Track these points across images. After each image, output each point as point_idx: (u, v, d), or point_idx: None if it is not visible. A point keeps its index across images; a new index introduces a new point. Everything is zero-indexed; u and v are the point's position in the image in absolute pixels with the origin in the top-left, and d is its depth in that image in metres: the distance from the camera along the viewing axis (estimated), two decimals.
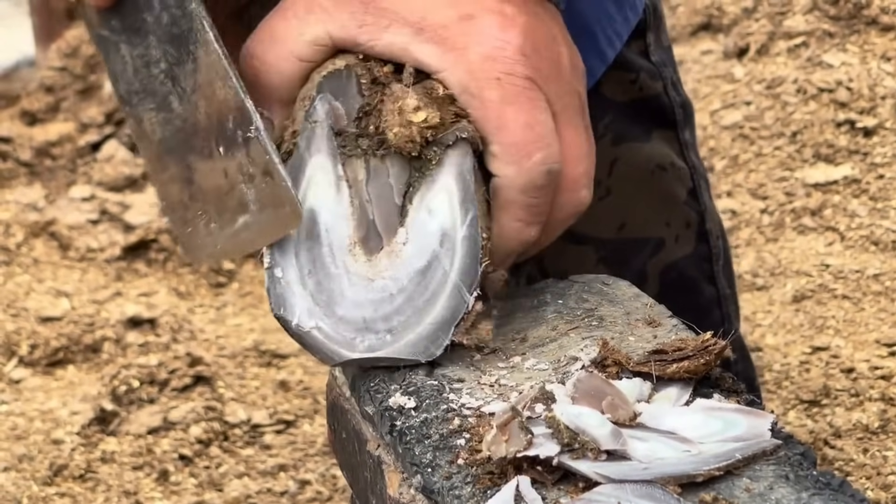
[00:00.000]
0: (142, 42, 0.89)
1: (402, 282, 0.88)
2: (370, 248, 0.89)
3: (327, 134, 0.90)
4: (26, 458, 2.14)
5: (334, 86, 0.90)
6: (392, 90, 0.88)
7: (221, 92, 0.87)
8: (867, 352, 2.22)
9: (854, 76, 2.88)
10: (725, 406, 0.76)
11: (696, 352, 0.80)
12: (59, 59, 3.37)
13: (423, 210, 0.88)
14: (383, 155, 0.89)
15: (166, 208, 0.95)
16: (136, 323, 2.51)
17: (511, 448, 0.71)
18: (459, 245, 0.87)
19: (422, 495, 0.75)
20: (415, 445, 0.76)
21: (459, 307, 0.86)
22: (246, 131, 0.86)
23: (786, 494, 0.69)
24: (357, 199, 0.90)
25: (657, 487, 0.69)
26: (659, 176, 1.29)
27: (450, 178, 0.88)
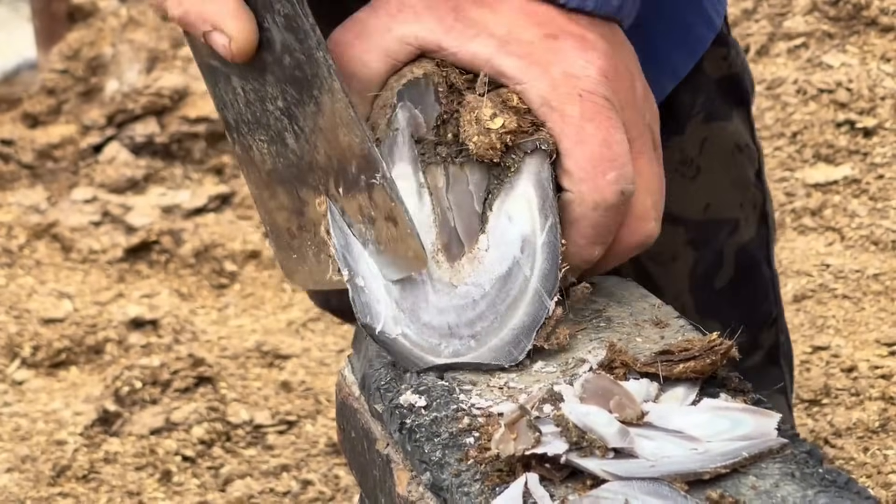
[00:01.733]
0: (258, 78, 0.89)
1: (485, 287, 0.88)
2: (452, 254, 0.89)
3: (409, 142, 0.90)
4: (29, 458, 2.14)
5: (413, 94, 0.90)
6: (467, 100, 0.89)
7: (346, 138, 0.86)
8: (867, 351, 2.23)
9: (854, 77, 2.89)
10: (732, 405, 0.77)
11: (702, 352, 0.80)
12: (61, 61, 3.37)
13: (504, 217, 0.89)
14: (462, 162, 0.90)
15: (271, 233, 0.96)
16: (139, 324, 2.52)
17: (519, 446, 0.72)
18: (540, 251, 0.87)
19: (430, 493, 0.76)
20: (424, 443, 0.77)
21: (540, 312, 0.86)
22: (370, 177, 0.86)
23: (791, 492, 0.69)
24: (438, 207, 0.90)
25: (664, 485, 0.69)
26: (737, 156, 1.29)
27: (529, 186, 0.88)
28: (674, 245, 1.26)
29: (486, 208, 0.90)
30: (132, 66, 3.27)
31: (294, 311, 2.60)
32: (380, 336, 0.89)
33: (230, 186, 3.03)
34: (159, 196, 3.00)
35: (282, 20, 0.86)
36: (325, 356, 2.42)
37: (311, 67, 0.86)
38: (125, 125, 3.15)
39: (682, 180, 1.25)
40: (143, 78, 3.24)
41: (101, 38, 3.39)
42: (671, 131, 1.23)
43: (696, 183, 1.26)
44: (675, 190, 1.23)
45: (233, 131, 0.94)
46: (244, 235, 2.81)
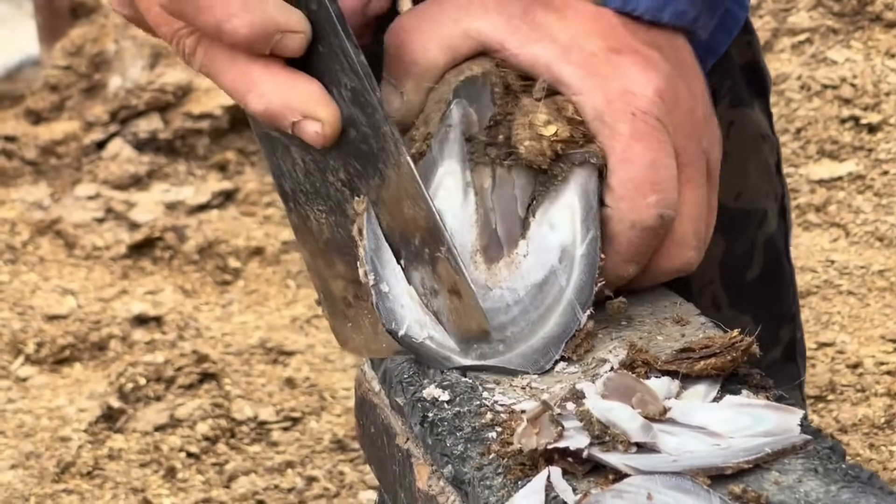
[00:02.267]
0: (320, 151, 0.88)
1: (519, 293, 0.88)
2: (490, 256, 0.89)
3: (460, 139, 0.90)
4: (33, 455, 2.14)
5: (470, 91, 0.90)
6: (523, 103, 0.89)
7: (410, 211, 0.86)
8: (873, 347, 2.23)
9: (858, 73, 2.88)
10: (755, 402, 0.77)
11: (723, 349, 0.80)
12: (64, 57, 3.37)
13: (546, 224, 0.88)
14: (510, 165, 0.89)
15: (325, 301, 0.95)
16: (143, 321, 2.52)
17: (542, 440, 0.72)
18: (577, 262, 0.87)
19: (451, 487, 0.76)
20: (446, 437, 0.77)
21: (571, 324, 0.86)
22: (435, 251, 0.86)
23: (814, 487, 0.69)
24: (482, 208, 0.90)
25: (687, 479, 0.69)
26: (761, 145, 1.28)
27: (574, 196, 0.88)
28: None
29: (528, 214, 0.89)
30: (135, 62, 3.26)
31: (298, 307, 2.60)
32: (404, 340, 0.89)
33: (234, 183, 3.03)
34: (163, 192, 2.99)
35: (349, 94, 0.85)
36: (330, 352, 2.42)
37: (377, 141, 0.86)
38: (128, 121, 3.15)
39: None
40: (146, 74, 3.24)
41: (104, 35, 3.39)
42: None
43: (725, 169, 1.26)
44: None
45: (289, 200, 0.93)
46: (248, 232, 2.81)
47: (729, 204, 1.25)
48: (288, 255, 2.73)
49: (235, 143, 3.10)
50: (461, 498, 0.75)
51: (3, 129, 3.22)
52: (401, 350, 0.89)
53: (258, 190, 2.95)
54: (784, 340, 1.32)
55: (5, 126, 3.25)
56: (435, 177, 0.91)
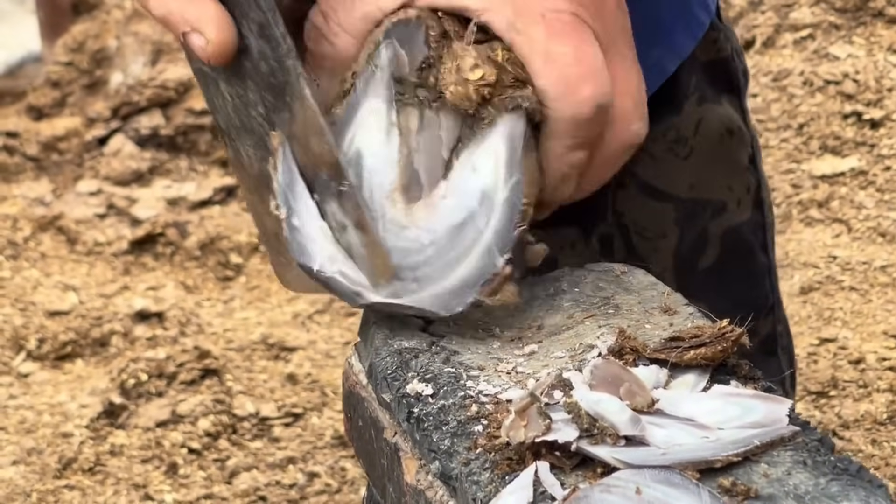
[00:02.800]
0: (241, 84, 0.91)
1: (436, 234, 0.88)
2: (410, 196, 0.90)
3: (387, 80, 0.90)
4: (35, 451, 2.15)
5: (402, 33, 0.90)
6: (453, 48, 0.89)
7: (317, 146, 0.88)
8: (875, 343, 2.22)
9: (860, 68, 2.88)
10: (743, 392, 0.76)
11: (713, 339, 0.80)
12: (65, 54, 3.37)
13: (468, 167, 0.88)
14: (438, 108, 0.89)
15: (263, 237, 0.97)
16: (144, 317, 2.52)
17: (530, 433, 0.71)
18: (497, 207, 0.87)
19: (440, 482, 0.75)
20: (433, 432, 0.76)
21: (488, 268, 0.86)
22: (338, 185, 0.87)
23: (804, 480, 0.69)
24: (406, 147, 0.90)
25: (676, 473, 0.69)
26: (728, 140, 1.30)
27: (499, 140, 0.88)
28: (663, 222, 1.27)
29: (452, 156, 0.89)
30: (137, 58, 3.26)
31: (300, 303, 2.60)
32: (317, 275, 0.89)
33: (235, 178, 3.03)
34: (164, 188, 3.00)
35: (256, 28, 0.88)
36: (331, 348, 2.42)
37: (283, 75, 0.88)
38: (130, 117, 3.15)
39: (674, 159, 1.27)
40: (147, 70, 3.24)
41: (105, 31, 3.39)
42: (668, 111, 1.25)
43: (687, 162, 1.28)
44: (667, 168, 1.25)
45: (224, 135, 0.96)
46: (249, 228, 2.81)
47: (682, 195, 1.28)
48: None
49: None
50: (449, 492, 0.75)
51: (5, 125, 3.23)
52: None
53: None
54: (761, 334, 1.32)
55: (7, 122, 3.25)
56: (357, 115, 0.91)
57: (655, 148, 1.24)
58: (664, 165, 1.26)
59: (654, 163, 1.25)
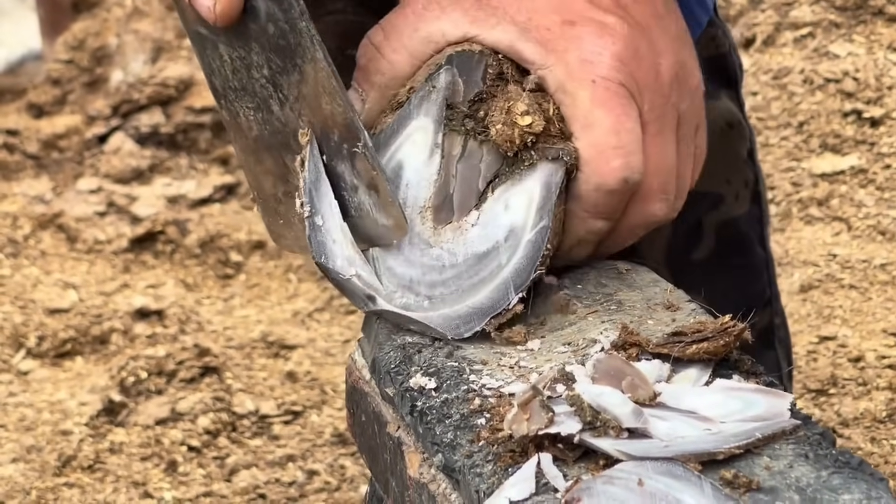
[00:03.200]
0: (243, 46, 0.90)
1: (458, 258, 0.90)
2: (440, 218, 0.91)
3: (441, 102, 0.93)
4: (35, 449, 2.14)
5: (463, 64, 0.93)
6: (508, 89, 0.91)
7: (328, 107, 0.88)
8: (874, 341, 2.23)
9: (860, 66, 2.88)
10: (745, 386, 0.77)
11: (715, 333, 0.80)
12: (66, 51, 3.37)
13: (501, 203, 0.91)
14: (482, 141, 0.92)
15: (258, 199, 0.98)
16: (144, 314, 2.52)
17: (532, 426, 0.72)
18: (522, 246, 0.89)
19: (443, 475, 0.76)
20: (436, 425, 0.77)
21: (501, 302, 0.88)
22: (352, 146, 0.88)
23: (805, 473, 0.69)
24: (444, 171, 0.92)
25: (678, 465, 0.69)
26: (728, 133, 1.31)
27: (536, 184, 0.90)
28: None
29: (488, 189, 0.92)
30: (137, 56, 3.26)
31: (300, 301, 2.60)
32: (334, 275, 0.91)
33: (235, 177, 3.03)
34: (164, 186, 3.00)
35: None
36: (331, 346, 2.42)
37: (294, 37, 0.88)
38: (130, 115, 3.15)
39: None
40: (148, 68, 3.24)
41: (106, 29, 3.39)
42: None
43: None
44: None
45: (220, 97, 0.96)
46: (250, 226, 2.81)
47: None
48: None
49: None
50: (452, 485, 0.75)
51: (5, 122, 3.23)
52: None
53: None
54: (758, 327, 1.33)
55: (7, 120, 3.25)
56: (406, 129, 0.93)
57: None
58: None
59: None
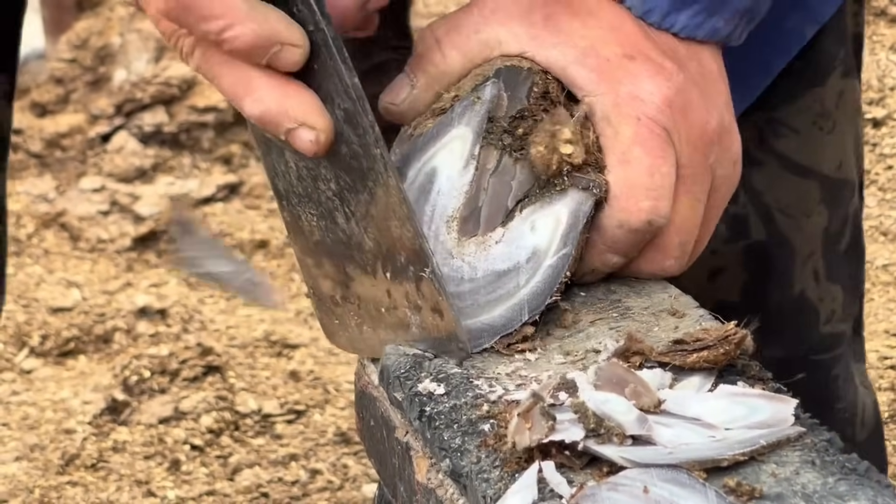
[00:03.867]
0: (312, 160, 0.89)
1: (478, 273, 0.89)
2: (465, 230, 0.91)
3: (483, 114, 0.92)
4: (38, 447, 2.15)
5: (510, 78, 0.92)
6: (557, 112, 0.91)
7: (397, 230, 0.87)
8: (877, 342, 2.23)
9: (863, 67, 2.88)
10: (749, 392, 0.77)
11: (716, 342, 0.80)
12: (69, 50, 3.37)
13: (528, 223, 0.90)
14: (517, 159, 0.91)
15: (313, 296, 0.97)
16: (147, 313, 2.52)
17: (534, 436, 0.72)
18: (543, 269, 0.89)
19: (450, 480, 0.76)
20: (444, 430, 0.77)
21: (513, 322, 0.88)
22: (419, 270, 0.87)
23: (812, 479, 0.70)
24: (476, 184, 0.92)
25: (683, 472, 0.69)
26: (858, 119, 1.29)
27: (565, 210, 0.90)
28: (808, 200, 1.25)
29: (516, 208, 0.91)
30: (140, 55, 3.27)
31: (302, 300, 2.60)
32: None
33: (238, 176, 3.03)
34: (167, 185, 3.00)
35: (342, 114, 0.86)
36: (334, 346, 2.43)
37: (367, 161, 0.87)
38: (133, 114, 3.15)
39: (819, 133, 1.24)
40: (151, 67, 3.24)
41: (109, 28, 3.39)
42: (811, 82, 1.23)
43: (831, 138, 1.25)
44: (812, 143, 1.23)
45: (282, 199, 0.94)
46: (252, 225, 2.81)
47: (832, 174, 1.26)
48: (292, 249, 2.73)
49: (240, 137, 3.10)
50: (460, 491, 0.75)
51: None
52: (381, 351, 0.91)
53: (263, 183, 2.96)
54: (855, 314, 1.32)
55: None
56: (445, 136, 0.93)
57: (799, 121, 1.22)
58: (809, 140, 1.23)
59: (798, 137, 1.22)
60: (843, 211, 1.27)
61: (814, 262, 1.26)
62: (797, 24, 1.19)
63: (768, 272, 1.24)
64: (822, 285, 1.27)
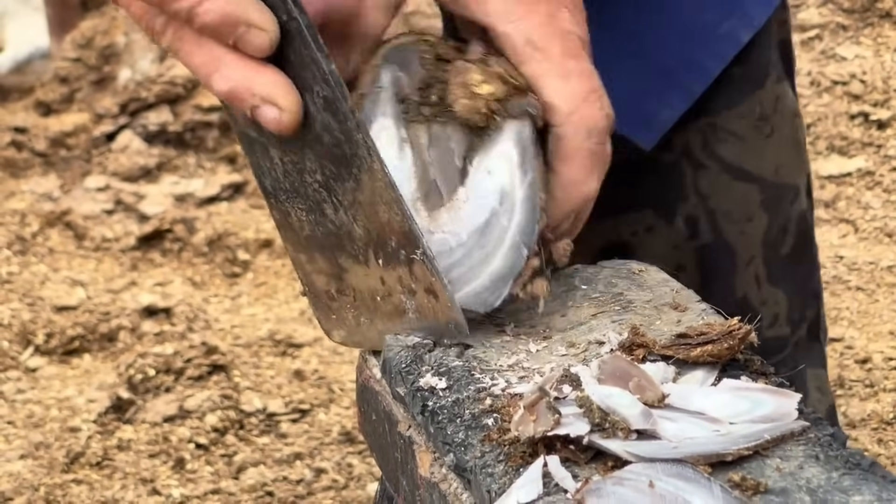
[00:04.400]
0: (296, 152, 0.90)
1: (462, 236, 0.90)
2: (431, 204, 0.92)
3: (392, 99, 0.94)
4: (43, 445, 2.15)
5: (399, 58, 0.94)
6: (456, 66, 0.93)
7: (385, 215, 0.88)
8: (881, 343, 2.23)
9: (868, 69, 2.88)
10: (752, 386, 0.77)
11: (720, 336, 0.80)
12: (74, 49, 3.37)
13: (483, 171, 0.92)
14: (444, 122, 0.93)
15: (309, 293, 0.97)
16: (152, 312, 2.52)
17: (539, 428, 0.72)
18: (518, 204, 0.90)
19: (454, 474, 0.76)
20: (447, 425, 0.77)
21: (517, 263, 0.88)
22: (410, 253, 0.87)
23: (816, 474, 0.70)
24: (419, 160, 0.93)
25: (688, 467, 0.69)
26: (795, 122, 1.31)
27: (509, 144, 0.91)
28: (749, 204, 1.27)
29: (466, 164, 0.93)
30: (145, 54, 3.27)
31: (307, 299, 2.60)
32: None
33: (243, 175, 3.03)
34: (172, 184, 3.00)
35: (321, 101, 0.87)
36: (338, 345, 2.43)
37: (350, 147, 0.88)
38: (138, 114, 3.16)
39: (758, 137, 1.27)
40: (156, 66, 3.24)
41: (114, 27, 3.39)
42: (751, 87, 1.25)
43: (769, 142, 1.27)
44: (752, 148, 1.25)
45: (270, 197, 0.95)
46: (257, 224, 2.81)
47: (770, 177, 1.27)
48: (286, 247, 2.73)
49: None
50: (463, 485, 0.75)
51: (14, 120, 3.23)
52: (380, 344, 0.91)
53: None
54: (809, 318, 1.33)
55: (15, 117, 3.26)
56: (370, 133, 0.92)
57: (741, 126, 1.24)
58: (749, 145, 1.25)
59: (739, 142, 1.24)
60: (783, 215, 1.28)
61: (755, 267, 1.28)
62: (732, 28, 1.21)
63: (715, 275, 1.26)
64: (764, 289, 1.29)
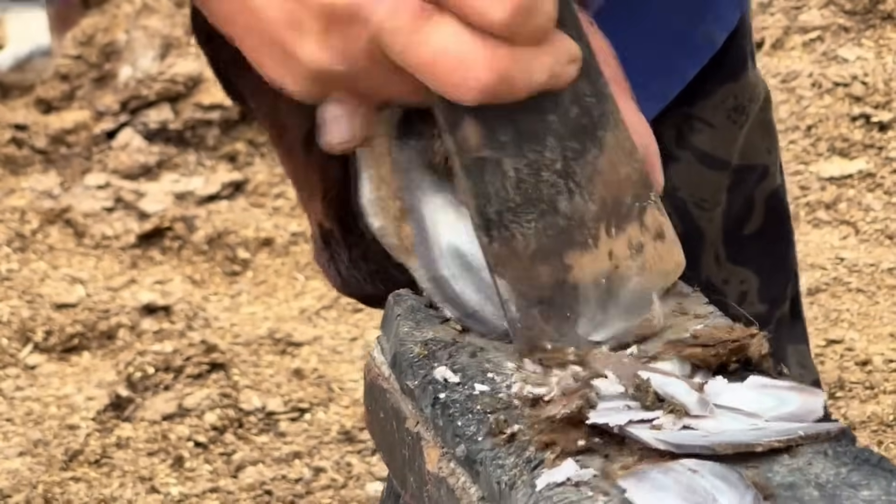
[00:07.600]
0: (536, 145, 0.83)
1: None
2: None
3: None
4: (41, 443, 2.15)
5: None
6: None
7: (625, 169, 0.83)
8: (882, 345, 2.23)
9: (869, 70, 2.89)
10: (778, 384, 0.77)
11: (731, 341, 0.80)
12: (74, 47, 3.37)
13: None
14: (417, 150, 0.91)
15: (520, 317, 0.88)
16: (151, 310, 2.52)
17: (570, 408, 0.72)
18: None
19: (462, 468, 0.75)
20: (458, 417, 0.77)
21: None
22: (644, 200, 0.84)
23: (825, 469, 0.70)
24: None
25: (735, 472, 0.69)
26: (766, 103, 1.32)
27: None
28: (719, 191, 1.28)
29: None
30: (146, 52, 3.27)
31: (307, 298, 2.60)
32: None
33: (243, 174, 3.03)
34: (172, 182, 3.00)
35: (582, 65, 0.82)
36: (338, 344, 2.43)
37: (598, 107, 0.83)
38: (139, 111, 3.15)
39: (733, 127, 1.28)
40: (156, 64, 3.24)
41: (115, 25, 3.39)
42: (726, 78, 1.26)
43: (743, 130, 1.28)
44: (725, 136, 1.25)
45: (493, 228, 0.86)
46: (257, 223, 2.81)
47: (736, 161, 1.29)
48: (297, 247, 2.74)
49: (245, 134, 3.10)
50: (472, 478, 0.75)
51: (14, 117, 3.23)
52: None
53: (268, 181, 2.96)
54: (790, 296, 1.34)
55: (15, 115, 3.25)
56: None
57: (715, 117, 1.25)
58: (723, 134, 1.26)
59: (713, 131, 1.25)
60: (744, 194, 1.29)
61: (715, 248, 1.28)
62: (708, 31, 1.21)
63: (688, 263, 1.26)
64: (726, 268, 1.29)
